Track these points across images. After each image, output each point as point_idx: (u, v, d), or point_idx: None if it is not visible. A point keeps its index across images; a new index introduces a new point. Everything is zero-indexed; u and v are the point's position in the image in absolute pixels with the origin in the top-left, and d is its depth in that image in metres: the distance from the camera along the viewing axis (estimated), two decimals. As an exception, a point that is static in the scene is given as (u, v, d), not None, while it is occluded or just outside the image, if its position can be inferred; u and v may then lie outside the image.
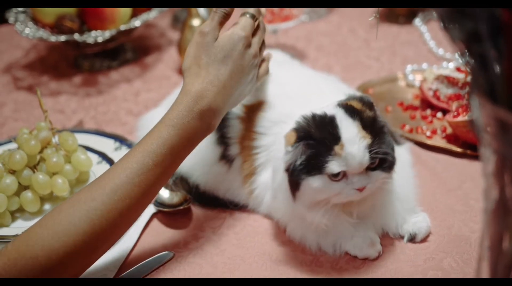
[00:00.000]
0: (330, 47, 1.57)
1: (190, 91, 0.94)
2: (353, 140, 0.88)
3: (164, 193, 1.10)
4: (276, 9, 1.47)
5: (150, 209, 1.09)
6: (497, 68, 0.51)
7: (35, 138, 1.07)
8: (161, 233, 1.06)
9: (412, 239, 1.00)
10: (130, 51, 1.57)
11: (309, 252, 0.99)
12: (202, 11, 1.45)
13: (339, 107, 0.92)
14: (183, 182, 1.11)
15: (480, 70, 0.53)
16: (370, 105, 0.92)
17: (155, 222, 1.08)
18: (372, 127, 0.90)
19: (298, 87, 1.08)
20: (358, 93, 1.09)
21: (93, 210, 0.84)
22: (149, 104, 1.38)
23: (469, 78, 0.54)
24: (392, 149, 0.92)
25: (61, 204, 0.85)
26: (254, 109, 1.06)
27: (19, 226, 1.03)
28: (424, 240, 1.00)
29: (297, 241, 1.00)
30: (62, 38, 1.40)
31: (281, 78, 1.10)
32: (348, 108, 0.91)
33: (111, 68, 1.52)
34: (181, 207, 1.07)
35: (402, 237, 1.00)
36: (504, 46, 0.50)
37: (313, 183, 0.89)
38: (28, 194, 1.04)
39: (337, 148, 0.88)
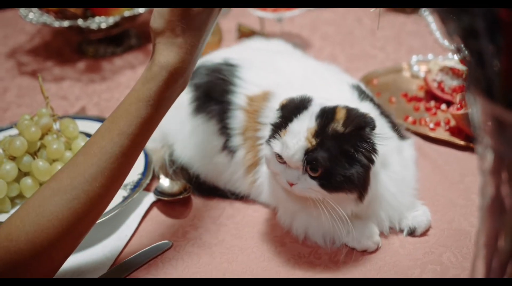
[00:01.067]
0: (335, 36, 1.56)
1: (167, 65, 0.86)
2: (296, 134, 0.89)
3: (165, 182, 1.10)
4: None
5: (150, 198, 1.08)
6: (494, 65, 0.50)
7: (35, 124, 1.06)
8: (161, 222, 1.05)
9: (412, 233, 0.99)
10: (134, 37, 1.56)
11: (308, 244, 0.98)
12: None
13: (322, 105, 0.91)
14: (183, 172, 1.10)
15: (477, 67, 0.52)
16: (356, 124, 0.88)
17: (155, 211, 1.08)
18: (327, 140, 0.87)
19: (301, 77, 1.07)
20: (361, 84, 1.08)
21: (75, 199, 0.81)
22: (152, 92, 1.37)
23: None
24: (346, 178, 0.87)
25: (41, 191, 0.82)
26: (257, 100, 1.05)
27: (18, 213, 1.03)
28: (424, 234, 0.99)
29: (285, 226, 1.00)
30: (66, 23, 1.40)
31: (284, 68, 1.09)
32: (326, 110, 0.90)
33: (115, 54, 1.52)
34: (181, 196, 1.07)
35: (402, 231, 1.00)
36: (501, 42, 0.49)
37: (265, 150, 0.93)
38: (28, 180, 1.04)
39: (282, 131, 0.90)
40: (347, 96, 1.02)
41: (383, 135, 0.91)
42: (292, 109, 0.91)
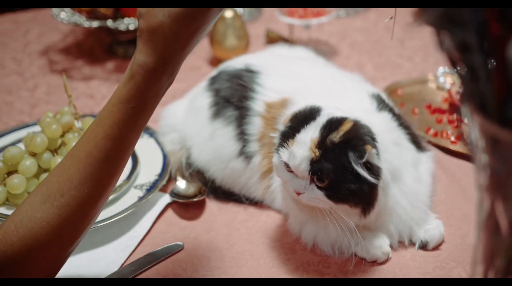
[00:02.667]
0: (364, 44, 1.56)
1: (146, 64, 0.79)
2: (302, 145, 0.90)
3: (181, 184, 1.11)
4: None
5: (166, 199, 1.10)
6: (487, 81, 0.50)
7: (57, 122, 1.09)
8: (174, 224, 1.06)
9: (423, 246, 0.98)
10: (164, 39, 1.57)
11: (318, 253, 0.98)
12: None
13: (329, 116, 0.91)
14: (199, 175, 1.11)
15: (471, 82, 0.51)
16: (357, 139, 0.88)
17: (169, 212, 1.09)
18: (329, 151, 0.88)
19: (321, 85, 1.07)
20: (382, 94, 1.08)
21: (65, 206, 0.80)
22: (176, 94, 1.38)
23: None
24: (351, 192, 0.88)
25: (33, 196, 0.81)
26: (275, 107, 1.06)
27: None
28: (436, 248, 0.98)
29: (295, 234, 1.00)
30: (95, 24, 1.42)
31: (304, 75, 1.09)
32: (332, 121, 0.90)
33: (144, 55, 1.53)
34: (195, 199, 1.08)
35: (414, 244, 0.99)
36: (492, 58, 0.48)
37: (275, 158, 0.94)
38: (46, 177, 1.06)
39: (290, 141, 0.91)
40: (365, 105, 1.01)
41: (389, 152, 0.91)
42: (301, 119, 0.92)
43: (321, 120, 0.91)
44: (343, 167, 0.88)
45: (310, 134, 0.90)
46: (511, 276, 0.60)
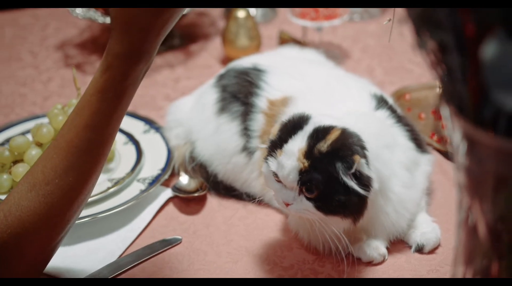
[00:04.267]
0: (375, 49, 1.56)
1: (121, 54, 0.80)
2: (290, 155, 0.88)
3: (183, 179, 1.13)
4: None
5: (167, 193, 1.11)
6: (463, 82, 0.51)
7: (64, 113, 1.11)
8: (174, 218, 1.08)
9: (419, 249, 0.99)
10: (177, 37, 1.59)
11: (314, 251, 0.99)
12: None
13: (316, 125, 0.90)
14: (202, 170, 1.13)
15: (449, 83, 0.52)
16: (345, 148, 0.87)
17: (170, 206, 1.10)
18: (317, 161, 0.87)
19: (323, 85, 1.08)
20: (385, 95, 1.08)
21: (50, 194, 0.81)
22: (186, 91, 1.40)
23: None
24: (341, 203, 0.87)
25: (20, 185, 0.83)
26: (277, 104, 1.07)
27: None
28: (432, 251, 0.99)
29: (293, 231, 1.00)
30: (109, 20, 1.44)
31: (308, 75, 1.10)
32: (319, 130, 0.89)
33: (158, 52, 1.55)
34: (196, 194, 1.09)
35: (410, 247, 0.99)
36: (468, 59, 0.49)
37: (263, 167, 0.93)
38: (51, 167, 1.08)
39: (278, 151, 0.90)
40: (364, 105, 1.02)
41: (379, 159, 0.90)
42: (289, 129, 0.92)
43: (308, 129, 0.90)
44: (332, 177, 0.86)
45: (297, 144, 0.89)
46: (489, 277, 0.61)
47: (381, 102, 1.03)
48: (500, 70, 0.48)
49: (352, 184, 0.86)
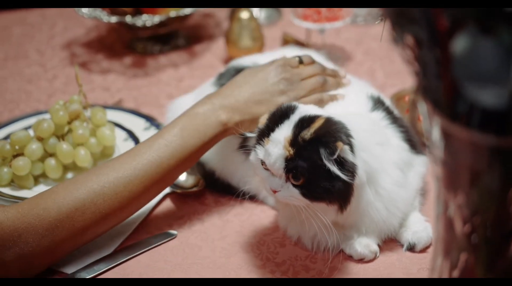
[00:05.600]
0: (378, 51, 1.57)
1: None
2: (277, 143, 0.90)
3: (181, 176, 1.14)
4: (322, 9, 1.48)
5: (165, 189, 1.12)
6: (438, 76, 0.52)
7: (65, 109, 1.13)
8: (171, 213, 1.10)
9: (411, 248, 1.00)
10: (182, 38, 1.61)
11: (306, 248, 1.00)
12: (251, 4, 1.48)
13: (302, 114, 0.93)
14: (199, 166, 1.14)
15: (424, 78, 0.53)
16: (328, 135, 0.89)
17: (167, 202, 1.12)
18: (302, 149, 0.89)
19: (321, 86, 1.09)
20: (383, 97, 1.09)
21: (103, 183, 0.96)
22: (189, 90, 1.41)
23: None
24: (326, 190, 0.89)
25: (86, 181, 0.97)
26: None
27: (40, 190, 1.09)
28: (423, 250, 1.00)
29: (283, 229, 1.02)
30: (114, 19, 1.47)
31: (306, 75, 1.12)
32: (304, 119, 0.92)
33: (162, 52, 1.58)
34: (192, 190, 1.11)
35: (402, 245, 1.00)
36: (441, 54, 0.50)
37: (251, 156, 0.96)
38: (51, 161, 1.10)
39: (266, 140, 0.92)
40: (360, 106, 1.03)
41: (368, 152, 0.92)
42: (276, 118, 0.94)
43: (294, 118, 0.92)
44: (316, 164, 0.88)
45: (283, 133, 0.91)
46: (467, 271, 0.62)
47: (378, 103, 1.05)
48: (471, 65, 0.49)
49: (335, 169, 0.88)
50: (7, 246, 0.90)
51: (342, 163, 0.88)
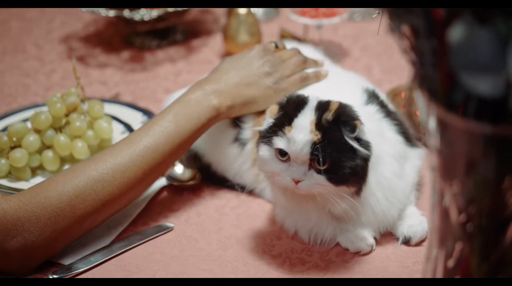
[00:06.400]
0: (375, 48, 1.57)
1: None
2: (302, 129, 0.91)
3: (178, 169, 1.15)
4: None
5: (162, 182, 1.13)
6: (433, 65, 0.52)
7: (62, 101, 1.13)
8: (168, 206, 1.10)
9: (406, 242, 1.00)
10: (180, 33, 1.62)
11: (302, 241, 1.01)
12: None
13: (318, 100, 0.94)
14: (196, 160, 1.15)
15: (421, 67, 0.54)
16: (347, 115, 0.92)
17: (164, 195, 1.13)
18: (327, 131, 0.90)
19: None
20: (378, 91, 1.10)
21: (102, 170, 0.97)
22: (186, 85, 1.40)
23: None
24: (352, 169, 0.90)
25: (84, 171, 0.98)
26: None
27: (37, 182, 1.09)
28: (419, 244, 1.00)
29: (279, 222, 1.02)
30: (112, 13, 1.47)
31: (302, 69, 1.12)
32: (322, 103, 0.93)
33: (160, 47, 1.58)
34: (189, 183, 1.11)
35: (398, 239, 1.01)
36: (437, 43, 0.50)
37: (262, 151, 0.93)
38: (49, 153, 1.11)
39: (287, 128, 0.91)
40: (354, 98, 1.03)
41: (370, 137, 0.92)
42: (295, 106, 0.94)
43: (312, 104, 0.93)
44: (340, 144, 0.90)
45: (308, 118, 0.91)
46: (463, 260, 0.62)
47: (372, 97, 1.05)
48: (467, 54, 0.50)
49: (357, 145, 0.90)
50: (11, 235, 0.92)
51: (359, 140, 0.91)
